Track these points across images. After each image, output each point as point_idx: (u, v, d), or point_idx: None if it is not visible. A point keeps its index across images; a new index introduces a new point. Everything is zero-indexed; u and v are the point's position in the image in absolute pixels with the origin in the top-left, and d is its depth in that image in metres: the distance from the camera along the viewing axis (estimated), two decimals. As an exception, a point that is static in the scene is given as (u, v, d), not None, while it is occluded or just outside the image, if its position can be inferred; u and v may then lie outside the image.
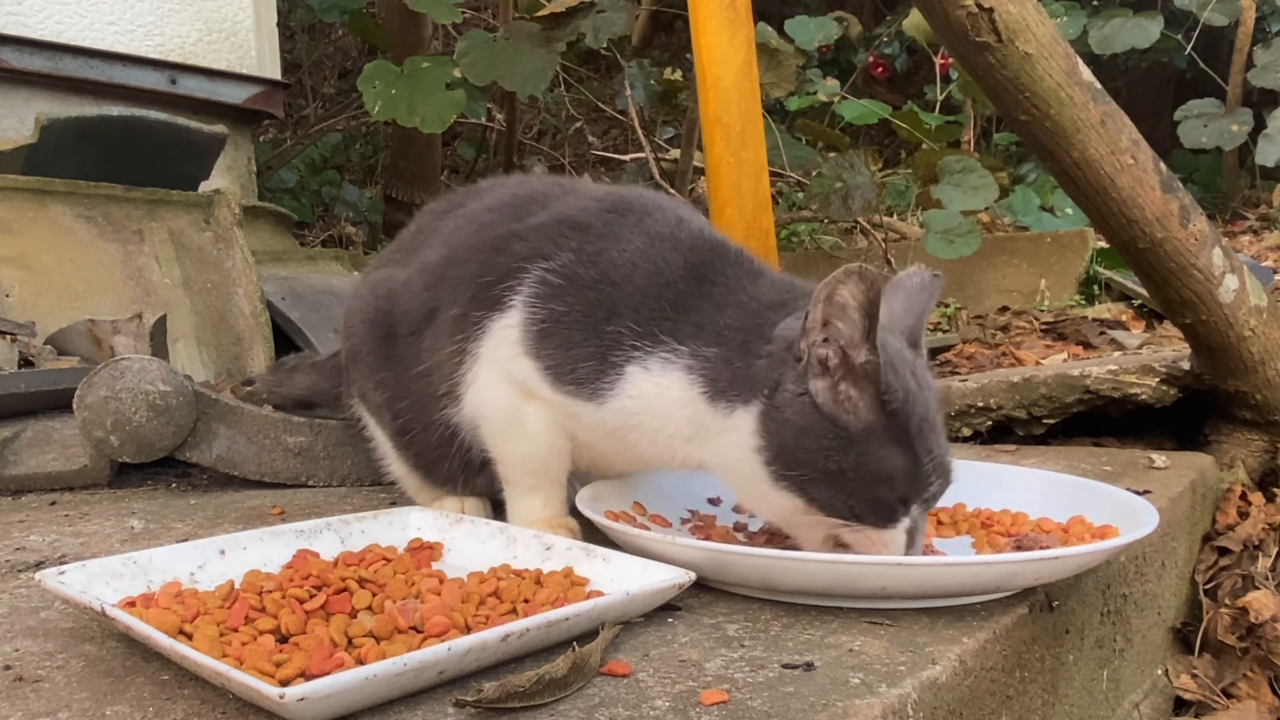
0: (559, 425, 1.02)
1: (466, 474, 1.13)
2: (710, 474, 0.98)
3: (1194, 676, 1.23)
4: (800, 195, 3.70)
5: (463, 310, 1.03)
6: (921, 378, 0.90)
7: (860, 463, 0.85)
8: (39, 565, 1.03)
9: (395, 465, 1.21)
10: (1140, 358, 1.71)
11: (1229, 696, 1.21)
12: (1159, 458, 1.39)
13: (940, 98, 3.95)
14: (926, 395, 0.89)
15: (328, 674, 0.63)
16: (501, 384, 1.01)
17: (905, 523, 0.87)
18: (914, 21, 3.90)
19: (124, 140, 2.28)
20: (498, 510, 1.13)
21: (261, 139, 4.50)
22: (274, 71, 3.12)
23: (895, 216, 3.51)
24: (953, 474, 0.90)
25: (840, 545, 0.89)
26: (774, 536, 1.03)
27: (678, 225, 1.01)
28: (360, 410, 1.26)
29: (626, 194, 1.07)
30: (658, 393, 0.94)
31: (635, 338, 0.94)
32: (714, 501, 1.12)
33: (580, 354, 0.96)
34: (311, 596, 0.80)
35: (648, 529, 0.96)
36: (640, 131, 3.26)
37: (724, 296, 0.95)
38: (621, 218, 1.01)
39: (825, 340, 0.86)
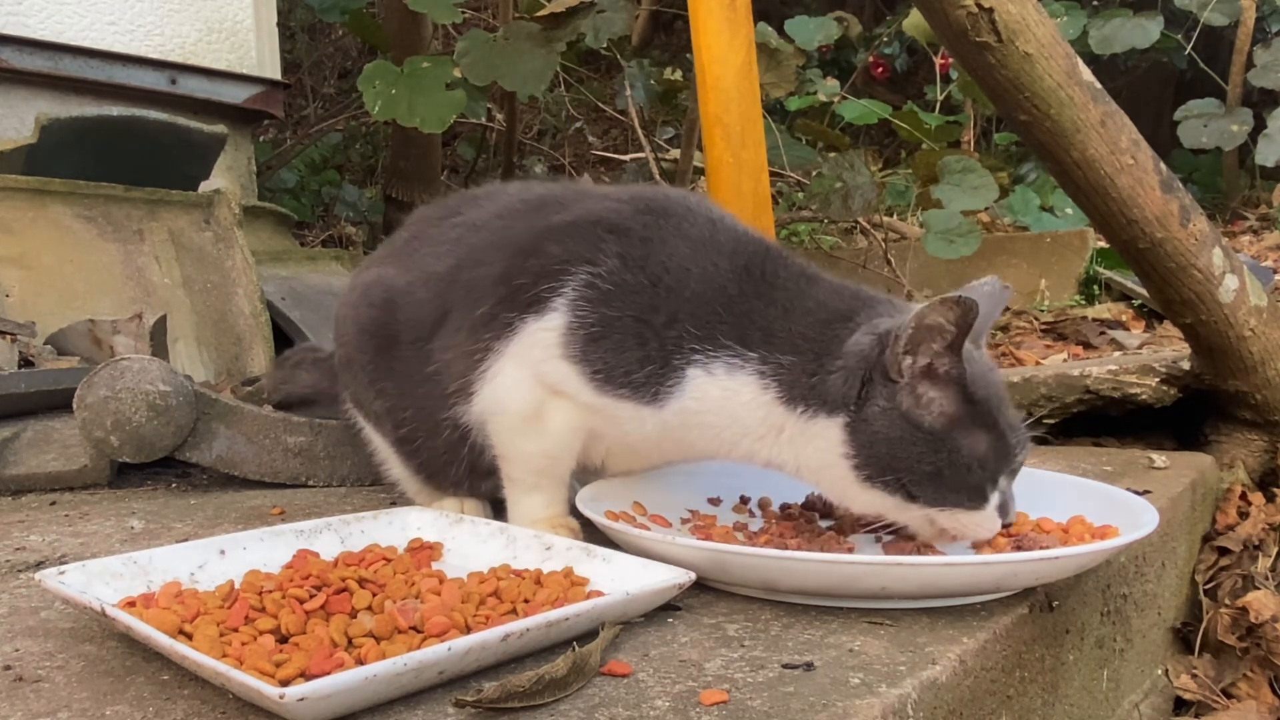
0: (581, 425, 1.02)
1: (473, 479, 1.13)
2: (773, 469, 0.99)
3: (1194, 676, 1.23)
4: (800, 195, 3.70)
5: (491, 310, 1.02)
6: (986, 362, 0.96)
7: (952, 457, 0.90)
8: (39, 565, 1.03)
9: (396, 469, 1.21)
10: (1140, 358, 1.71)
11: (1229, 696, 1.21)
12: (1159, 458, 1.39)
13: (940, 98, 3.94)
14: (993, 375, 0.95)
15: (328, 674, 0.63)
16: (527, 382, 1.01)
17: (995, 499, 0.92)
18: (914, 21, 3.89)
19: (124, 140, 2.28)
20: (497, 510, 1.13)
21: (261, 139, 4.49)
22: (274, 71, 3.12)
23: (895, 216, 3.51)
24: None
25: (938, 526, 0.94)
26: (774, 537, 1.03)
27: (712, 226, 1.02)
28: (355, 415, 1.26)
29: (653, 195, 1.06)
30: (725, 395, 0.95)
31: (695, 340, 0.96)
32: (714, 501, 1.12)
33: (635, 357, 0.96)
34: (311, 596, 0.80)
35: (648, 529, 0.96)
36: (640, 131, 3.26)
37: (788, 301, 0.97)
38: (659, 220, 1.01)
39: (911, 355, 0.90)
